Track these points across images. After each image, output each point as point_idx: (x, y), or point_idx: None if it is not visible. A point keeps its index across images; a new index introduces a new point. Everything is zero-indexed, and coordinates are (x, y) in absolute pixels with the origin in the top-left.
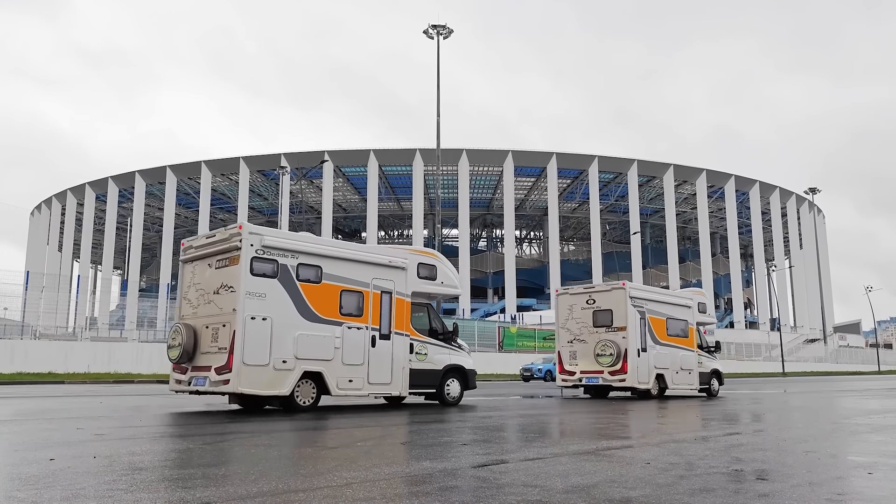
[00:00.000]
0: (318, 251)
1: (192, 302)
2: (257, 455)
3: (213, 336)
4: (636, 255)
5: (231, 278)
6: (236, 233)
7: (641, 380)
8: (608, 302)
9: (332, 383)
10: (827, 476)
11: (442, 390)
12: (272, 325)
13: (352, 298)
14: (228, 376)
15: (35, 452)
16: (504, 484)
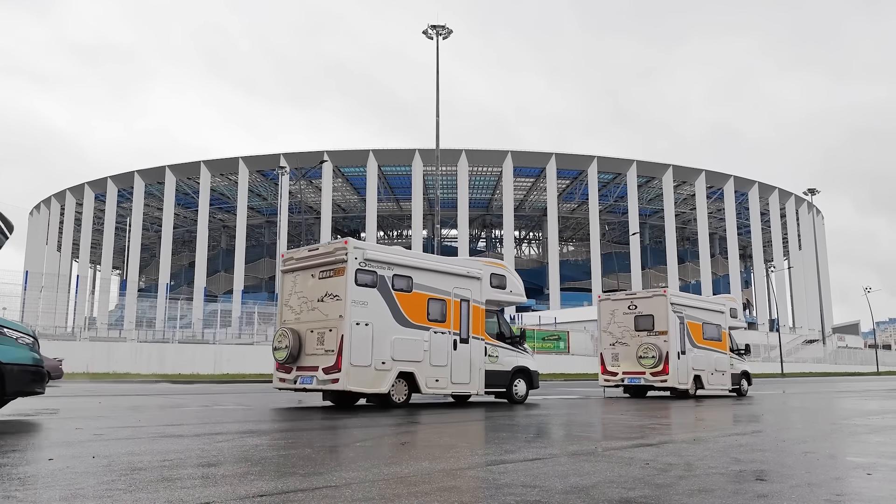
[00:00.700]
0: (409, 263)
1: (294, 308)
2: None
3: (319, 339)
4: (635, 255)
5: (336, 288)
6: (342, 247)
7: (681, 381)
8: (649, 307)
9: (422, 382)
10: (826, 477)
11: (510, 390)
12: (373, 330)
13: (437, 306)
14: (337, 375)
15: (34, 452)
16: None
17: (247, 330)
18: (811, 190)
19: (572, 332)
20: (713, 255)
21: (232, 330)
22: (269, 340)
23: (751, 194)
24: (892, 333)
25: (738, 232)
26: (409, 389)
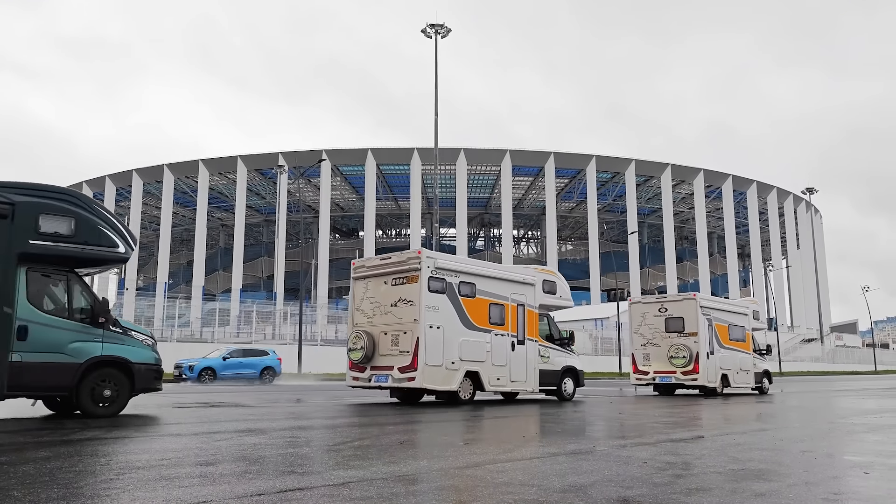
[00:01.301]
0: (473, 271)
1: (366, 313)
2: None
3: (394, 341)
4: (634, 254)
5: (410, 294)
6: (415, 257)
7: (710, 379)
8: (680, 310)
9: (485, 381)
10: (823, 475)
11: (560, 387)
12: (443, 332)
13: (497, 310)
14: (414, 374)
15: (32, 452)
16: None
17: (245, 329)
18: (809, 189)
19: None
20: (711, 255)
21: (230, 329)
22: (267, 339)
23: (749, 193)
24: (890, 332)
25: (737, 231)
26: (474, 388)
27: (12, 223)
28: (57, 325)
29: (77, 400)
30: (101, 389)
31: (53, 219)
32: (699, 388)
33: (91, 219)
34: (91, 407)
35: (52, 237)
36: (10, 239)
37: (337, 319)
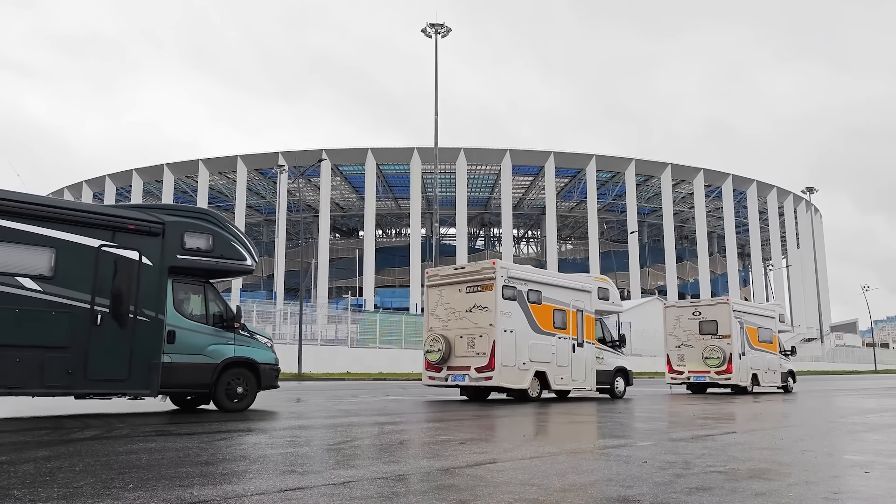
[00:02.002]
0: (539, 279)
1: (440, 317)
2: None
3: (470, 343)
4: (633, 254)
5: (486, 300)
6: (490, 267)
7: (742, 379)
8: (713, 314)
9: (551, 380)
10: (823, 475)
11: (613, 386)
12: (515, 336)
13: (560, 315)
14: (491, 374)
15: (32, 451)
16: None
17: None
18: (809, 189)
19: None
20: (711, 254)
21: None
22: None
23: (749, 193)
24: (890, 332)
25: (737, 230)
26: (541, 386)
27: (163, 240)
28: (197, 329)
29: (214, 396)
30: (234, 386)
31: (195, 236)
32: (731, 387)
33: (225, 235)
34: (226, 402)
35: (194, 252)
36: (161, 254)
37: (337, 319)
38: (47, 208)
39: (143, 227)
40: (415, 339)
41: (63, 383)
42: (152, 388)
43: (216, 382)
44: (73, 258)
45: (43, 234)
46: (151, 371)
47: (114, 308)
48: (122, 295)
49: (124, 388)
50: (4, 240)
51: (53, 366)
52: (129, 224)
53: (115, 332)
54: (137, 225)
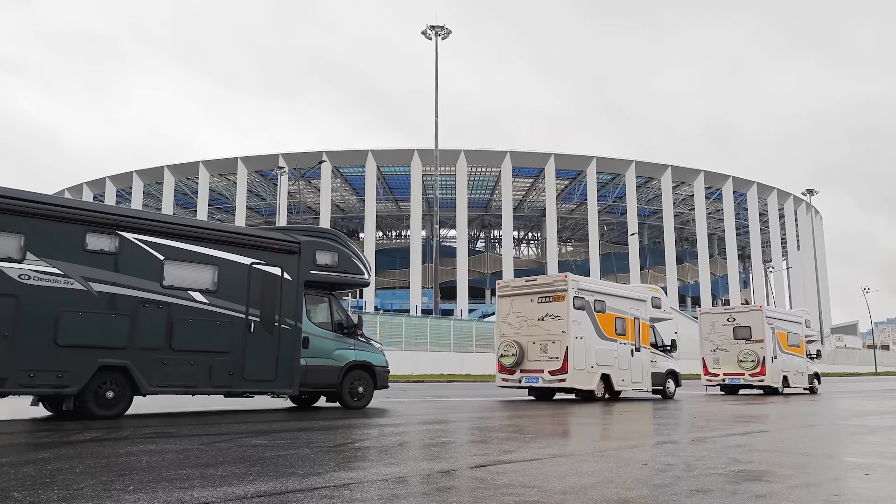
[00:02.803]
0: (603, 290)
1: (512, 325)
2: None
3: (542, 349)
4: (634, 256)
5: (558, 310)
6: (562, 280)
7: (774, 380)
8: (747, 320)
9: (614, 382)
10: (824, 477)
11: (665, 387)
12: (584, 342)
13: (621, 323)
14: (564, 376)
15: (33, 453)
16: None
17: None
18: (810, 191)
19: None
20: (712, 256)
21: None
22: None
23: (749, 195)
24: (891, 334)
25: (737, 232)
26: (605, 388)
27: (300, 258)
28: (325, 336)
29: (339, 395)
30: (356, 387)
31: (324, 253)
32: (764, 388)
33: (347, 252)
34: (349, 401)
35: (323, 268)
36: (298, 270)
37: None
38: (211, 231)
39: (284, 247)
40: (415, 342)
41: (226, 383)
42: (294, 388)
43: (341, 383)
44: (231, 274)
45: (208, 254)
46: (293, 373)
47: (263, 317)
48: (269, 306)
49: (272, 387)
50: (180, 259)
51: (219, 368)
52: (273, 244)
53: (265, 339)
54: (280, 245)
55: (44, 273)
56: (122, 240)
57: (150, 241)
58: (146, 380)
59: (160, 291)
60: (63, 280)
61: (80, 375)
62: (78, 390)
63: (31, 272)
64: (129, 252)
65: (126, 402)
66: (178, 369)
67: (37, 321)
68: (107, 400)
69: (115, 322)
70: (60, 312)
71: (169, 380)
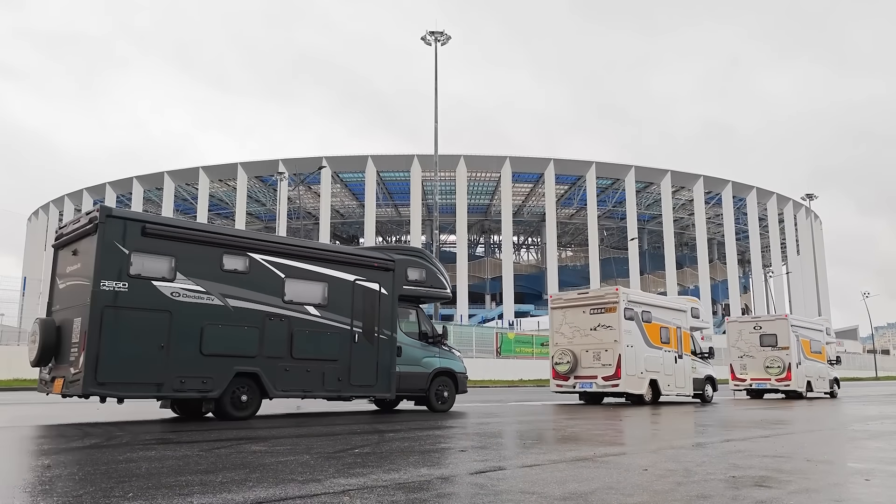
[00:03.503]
0: (649, 302)
1: (565, 335)
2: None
3: (595, 356)
4: (634, 260)
5: (609, 321)
6: (613, 293)
7: (799, 385)
8: (773, 328)
9: (661, 387)
10: (824, 483)
11: (703, 392)
12: (635, 350)
13: (665, 332)
14: (617, 382)
15: (32, 459)
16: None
17: None
18: (809, 195)
19: None
20: (712, 261)
21: None
22: None
23: (749, 199)
24: (891, 338)
25: (737, 237)
26: (654, 392)
27: (394, 274)
28: (414, 345)
29: (427, 400)
30: (441, 391)
31: (414, 269)
32: (789, 393)
33: (433, 269)
34: (435, 404)
35: (413, 283)
36: (393, 285)
37: None
38: (322, 251)
39: (381, 265)
40: None
41: (336, 388)
42: (392, 392)
43: (429, 388)
44: (338, 290)
45: (320, 272)
46: (391, 378)
47: (365, 328)
48: (370, 318)
49: (373, 392)
50: (297, 277)
51: (330, 374)
52: (373, 262)
53: (367, 348)
54: (378, 263)
55: (190, 290)
56: (251, 260)
57: (273, 261)
58: (272, 385)
59: (282, 306)
60: (206, 296)
61: (221, 381)
62: (219, 394)
63: (181, 290)
64: (257, 271)
65: (256, 405)
66: (297, 375)
67: (186, 333)
68: (241, 403)
69: (247, 333)
70: (204, 325)
71: (290, 385)
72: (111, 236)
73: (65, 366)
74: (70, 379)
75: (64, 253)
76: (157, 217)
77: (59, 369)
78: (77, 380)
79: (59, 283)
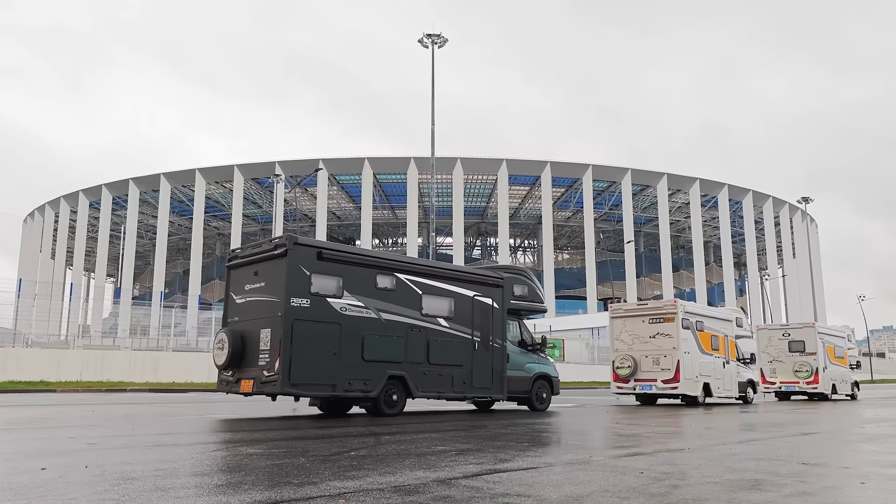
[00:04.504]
0: (702, 312)
1: (625, 342)
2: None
3: (655, 362)
4: (630, 263)
5: (668, 330)
6: (672, 304)
7: (825, 388)
8: (801, 335)
9: (713, 389)
10: (820, 486)
11: (746, 394)
12: (691, 356)
13: (714, 340)
14: (676, 385)
15: (27, 462)
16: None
17: None
18: (805, 198)
19: (567, 339)
20: (708, 263)
21: None
22: None
23: (745, 203)
24: (887, 341)
25: (733, 240)
26: (705, 394)
27: (503, 290)
28: (518, 352)
29: (529, 401)
30: (540, 393)
31: (518, 286)
32: (815, 395)
33: (532, 285)
34: (536, 405)
35: (518, 298)
36: (503, 300)
37: None
38: (450, 271)
39: (493, 282)
40: None
41: (462, 390)
42: (504, 394)
43: (531, 390)
44: (461, 304)
45: (448, 289)
46: (503, 382)
47: (482, 338)
48: (486, 329)
49: (489, 393)
50: (432, 293)
51: (457, 378)
52: (488, 280)
53: (484, 355)
54: (492, 281)
55: (354, 306)
56: (397, 279)
57: (413, 280)
58: (415, 386)
59: (420, 318)
60: (365, 311)
61: (378, 382)
62: (377, 394)
63: (347, 305)
64: (402, 289)
65: (402, 404)
66: (433, 379)
67: (351, 342)
68: (392, 402)
69: (395, 342)
70: (365, 335)
71: (428, 387)
72: (297, 261)
73: (253, 369)
74: (263, 380)
75: (241, 272)
76: (329, 244)
77: (246, 371)
78: (273, 381)
79: (235, 298)
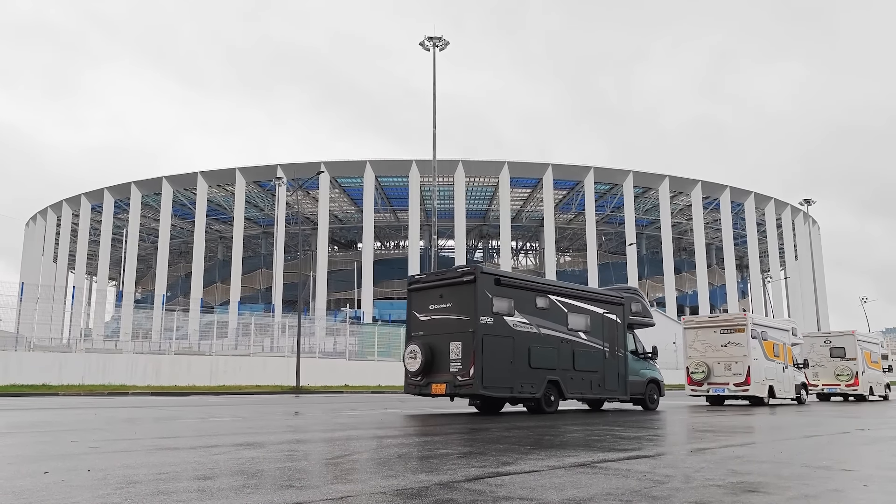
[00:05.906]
0: (766, 323)
1: (698, 350)
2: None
3: (727, 367)
4: (632, 266)
5: (738, 339)
6: (742, 317)
7: (864, 390)
8: (841, 342)
9: (777, 391)
10: (822, 488)
11: (800, 395)
12: (758, 362)
13: (776, 347)
14: (747, 388)
15: (29, 465)
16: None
17: (243, 341)
18: (807, 200)
19: None
20: (710, 266)
21: (228, 341)
22: (265, 352)
23: (747, 204)
24: (887, 343)
25: (735, 242)
26: (769, 394)
27: (624, 308)
28: (633, 359)
29: (643, 401)
30: (652, 395)
31: (635, 303)
32: (856, 396)
33: (644, 302)
34: (647, 405)
35: (634, 314)
36: (624, 316)
37: (335, 332)
38: (586, 293)
39: (618, 301)
40: None
41: (598, 393)
42: (627, 395)
43: (645, 392)
44: (595, 320)
45: (585, 307)
46: (627, 385)
47: (610, 348)
48: (612, 340)
49: (616, 395)
50: (575, 311)
51: (595, 382)
52: (613, 299)
53: (612, 363)
54: (616, 300)
55: (522, 322)
56: (550, 300)
57: (561, 301)
58: (566, 390)
59: (566, 332)
60: (529, 326)
61: (540, 386)
62: (540, 395)
63: (517, 322)
64: (553, 308)
65: (557, 404)
66: (578, 383)
67: (521, 352)
68: (550, 401)
69: (551, 352)
70: (530, 346)
71: (574, 390)
72: (483, 286)
73: (444, 374)
74: (457, 384)
75: (424, 294)
76: (503, 272)
77: (437, 376)
78: (470, 384)
79: (419, 316)
